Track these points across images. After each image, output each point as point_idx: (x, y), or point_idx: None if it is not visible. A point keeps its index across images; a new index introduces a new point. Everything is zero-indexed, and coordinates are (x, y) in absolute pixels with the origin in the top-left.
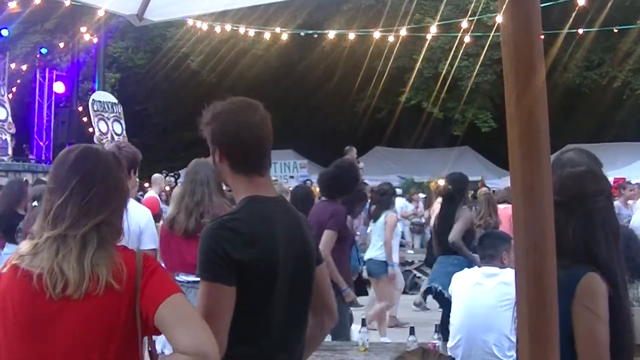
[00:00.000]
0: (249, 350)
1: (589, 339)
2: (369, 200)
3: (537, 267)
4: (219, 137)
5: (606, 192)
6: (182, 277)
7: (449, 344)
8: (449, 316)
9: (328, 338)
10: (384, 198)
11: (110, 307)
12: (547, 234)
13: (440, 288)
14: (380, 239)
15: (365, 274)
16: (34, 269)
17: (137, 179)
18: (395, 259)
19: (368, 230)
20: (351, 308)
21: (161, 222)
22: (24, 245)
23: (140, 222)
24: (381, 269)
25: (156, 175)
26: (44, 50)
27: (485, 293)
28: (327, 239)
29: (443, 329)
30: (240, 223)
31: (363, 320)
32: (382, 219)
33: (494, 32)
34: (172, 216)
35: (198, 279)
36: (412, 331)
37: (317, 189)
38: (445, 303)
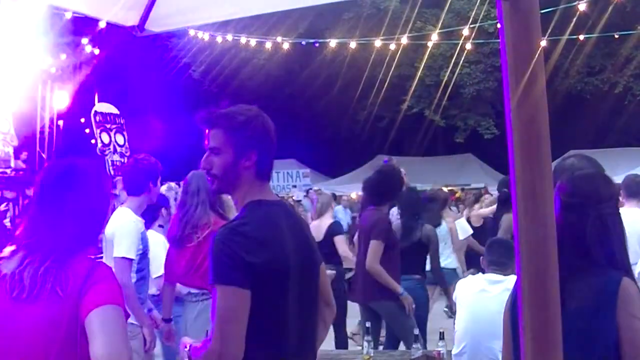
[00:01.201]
0: (268, 352)
1: (639, 343)
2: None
3: (539, 274)
4: (259, 141)
5: (615, 197)
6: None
7: (454, 351)
8: None
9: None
10: (434, 204)
11: (53, 312)
12: (549, 240)
13: None
14: (447, 246)
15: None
16: (4, 270)
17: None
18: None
19: None
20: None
21: None
22: (7, 248)
23: (112, 228)
24: (453, 277)
25: None
26: (49, 60)
27: (489, 300)
28: (372, 249)
29: None
30: (249, 227)
31: (367, 328)
32: (444, 225)
33: (495, 39)
34: (168, 230)
35: (189, 290)
36: (416, 339)
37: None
38: None
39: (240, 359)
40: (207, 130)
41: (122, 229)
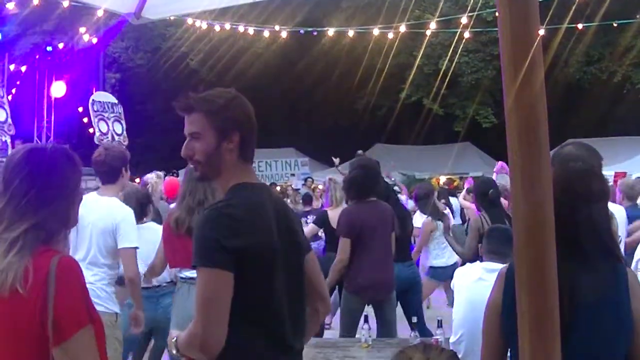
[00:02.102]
0: (262, 334)
1: None
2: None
3: (538, 260)
4: (240, 123)
5: (607, 195)
6: (186, 274)
7: (452, 339)
8: None
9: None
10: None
11: (15, 310)
12: (548, 226)
13: None
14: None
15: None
16: None
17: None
18: None
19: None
20: None
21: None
22: None
23: (114, 219)
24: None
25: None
26: (49, 48)
27: (487, 288)
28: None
29: None
30: (236, 209)
31: (366, 316)
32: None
33: (494, 28)
34: (175, 217)
35: None
36: (413, 327)
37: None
38: None
39: (222, 341)
40: (185, 117)
41: (128, 219)
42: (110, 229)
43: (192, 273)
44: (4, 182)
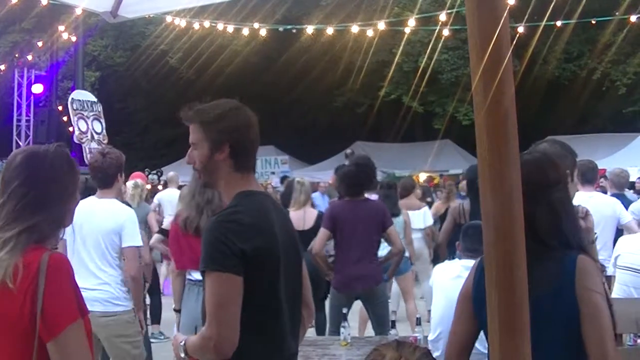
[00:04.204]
0: (263, 340)
1: (598, 315)
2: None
3: (507, 257)
4: (230, 135)
5: (564, 180)
6: (194, 276)
7: (430, 337)
8: None
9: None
10: (391, 191)
11: (3, 305)
12: (517, 223)
13: None
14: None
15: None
16: None
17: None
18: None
19: None
20: None
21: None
22: None
23: (119, 220)
24: (407, 265)
25: (171, 174)
26: (29, 47)
27: None
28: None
29: None
30: (242, 215)
31: (344, 315)
32: (401, 216)
33: None
34: (184, 216)
35: None
36: (393, 325)
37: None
38: None
39: (236, 344)
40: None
41: (131, 219)
42: (116, 229)
43: (198, 274)
44: (3, 182)
